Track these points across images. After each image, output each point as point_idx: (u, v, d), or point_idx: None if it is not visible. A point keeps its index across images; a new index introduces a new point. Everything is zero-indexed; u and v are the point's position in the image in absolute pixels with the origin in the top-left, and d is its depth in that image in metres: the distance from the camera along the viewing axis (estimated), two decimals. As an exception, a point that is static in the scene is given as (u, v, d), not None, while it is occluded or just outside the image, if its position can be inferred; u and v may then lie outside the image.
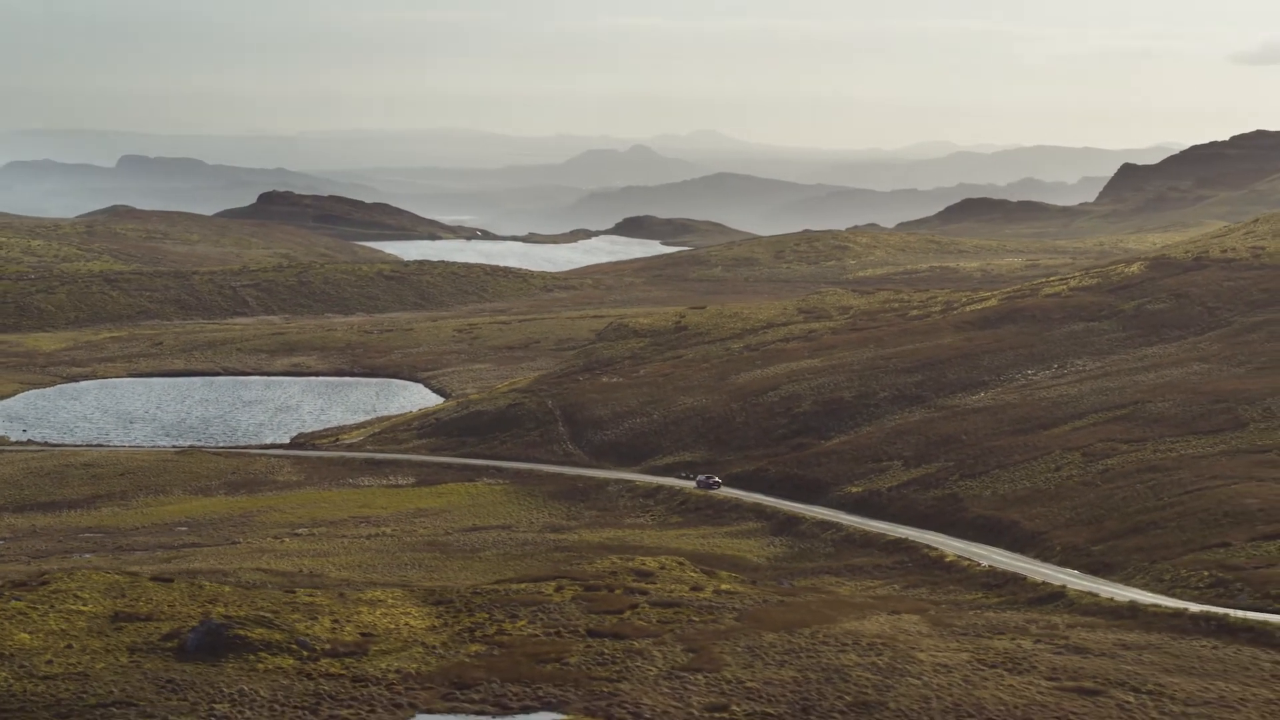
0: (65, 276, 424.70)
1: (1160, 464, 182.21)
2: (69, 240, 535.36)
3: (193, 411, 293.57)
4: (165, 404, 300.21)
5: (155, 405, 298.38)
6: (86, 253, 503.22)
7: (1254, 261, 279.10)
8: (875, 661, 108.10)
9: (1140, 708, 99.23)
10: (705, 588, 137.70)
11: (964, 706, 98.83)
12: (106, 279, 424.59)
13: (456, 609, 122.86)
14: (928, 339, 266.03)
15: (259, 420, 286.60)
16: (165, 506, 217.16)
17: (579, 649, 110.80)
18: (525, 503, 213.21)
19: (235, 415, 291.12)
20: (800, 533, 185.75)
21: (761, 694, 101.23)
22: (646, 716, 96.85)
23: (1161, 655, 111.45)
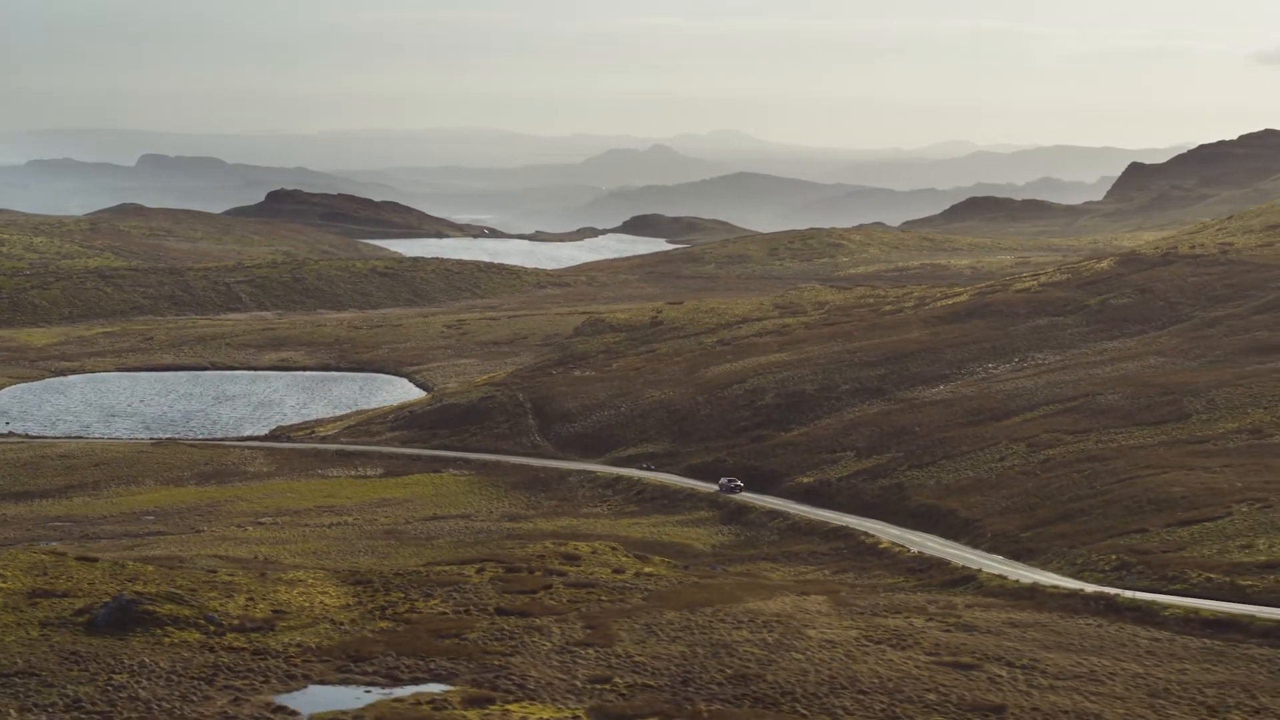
0: (61, 272, 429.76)
1: (1099, 454, 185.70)
2: (72, 237, 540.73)
3: (175, 406, 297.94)
4: (149, 398, 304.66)
5: (139, 400, 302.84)
6: (88, 250, 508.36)
7: (1220, 257, 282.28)
8: (765, 638, 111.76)
9: (1010, 681, 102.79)
10: (627, 570, 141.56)
11: (839, 679, 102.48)
12: (101, 275, 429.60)
13: (374, 589, 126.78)
14: (895, 333, 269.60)
15: (240, 414, 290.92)
16: (136, 496, 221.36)
17: (482, 626, 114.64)
18: (487, 493, 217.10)
19: (217, 409, 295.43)
20: (748, 521, 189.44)
21: (646, 667, 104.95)
22: (530, 687, 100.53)
23: (1045, 633, 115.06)
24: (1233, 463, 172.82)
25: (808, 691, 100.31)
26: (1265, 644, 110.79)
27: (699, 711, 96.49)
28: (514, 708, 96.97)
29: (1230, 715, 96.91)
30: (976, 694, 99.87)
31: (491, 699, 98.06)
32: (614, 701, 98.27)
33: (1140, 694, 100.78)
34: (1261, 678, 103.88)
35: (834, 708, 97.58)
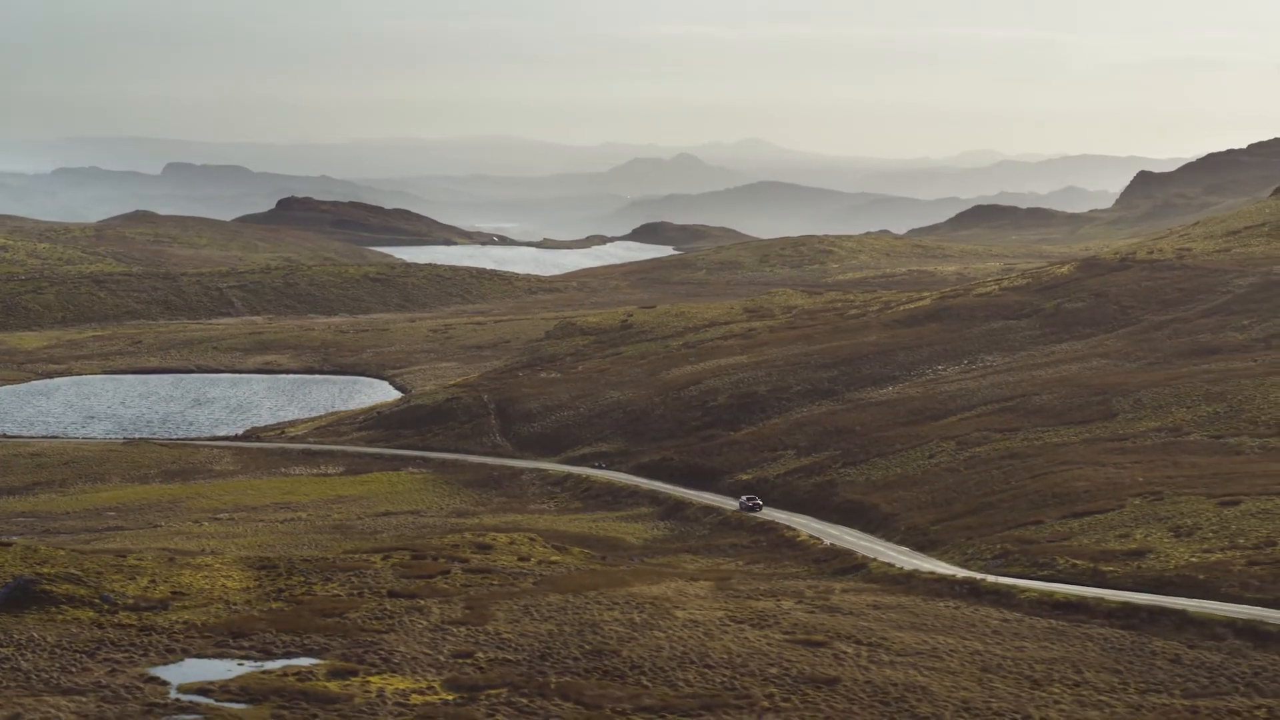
0: (55, 277, 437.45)
1: (1022, 451, 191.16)
2: (76, 244, 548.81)
3: (155, 408, 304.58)
4: (130, 400, 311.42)
5: (119, 402, 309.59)
6: (91, 256, 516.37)
7: (1176, 262, 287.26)
8: (633, 618, 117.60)
9: (854, 657, 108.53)
10: (533, 559, 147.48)
11: (691, 654, 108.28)
12: (95, 280, 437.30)
13: (278, 573, 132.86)
14: (854, 337, 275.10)
15: (217, 416, 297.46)
16: (101, 493, 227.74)
17: (369, 607, 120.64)
18: (441, 490, 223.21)
19: (195, 412, 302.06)
20: (685, 517, 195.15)
21: (512, 643, 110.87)
22: (396, 661, 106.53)
23: (903, 614, 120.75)
24: (1144, 459, 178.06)
25: (657, 665, 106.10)
26: (1107, 624, 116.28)
27: (548, 683, 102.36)
28: (375, 679, 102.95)
29: (1052, 688, 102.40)
30: (817, 668, 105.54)
31: (355, 671, 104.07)
32: (470, 674, 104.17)
33: (973, 669, 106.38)
34: (1093, 654, 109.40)
35: (677, 680, 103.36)
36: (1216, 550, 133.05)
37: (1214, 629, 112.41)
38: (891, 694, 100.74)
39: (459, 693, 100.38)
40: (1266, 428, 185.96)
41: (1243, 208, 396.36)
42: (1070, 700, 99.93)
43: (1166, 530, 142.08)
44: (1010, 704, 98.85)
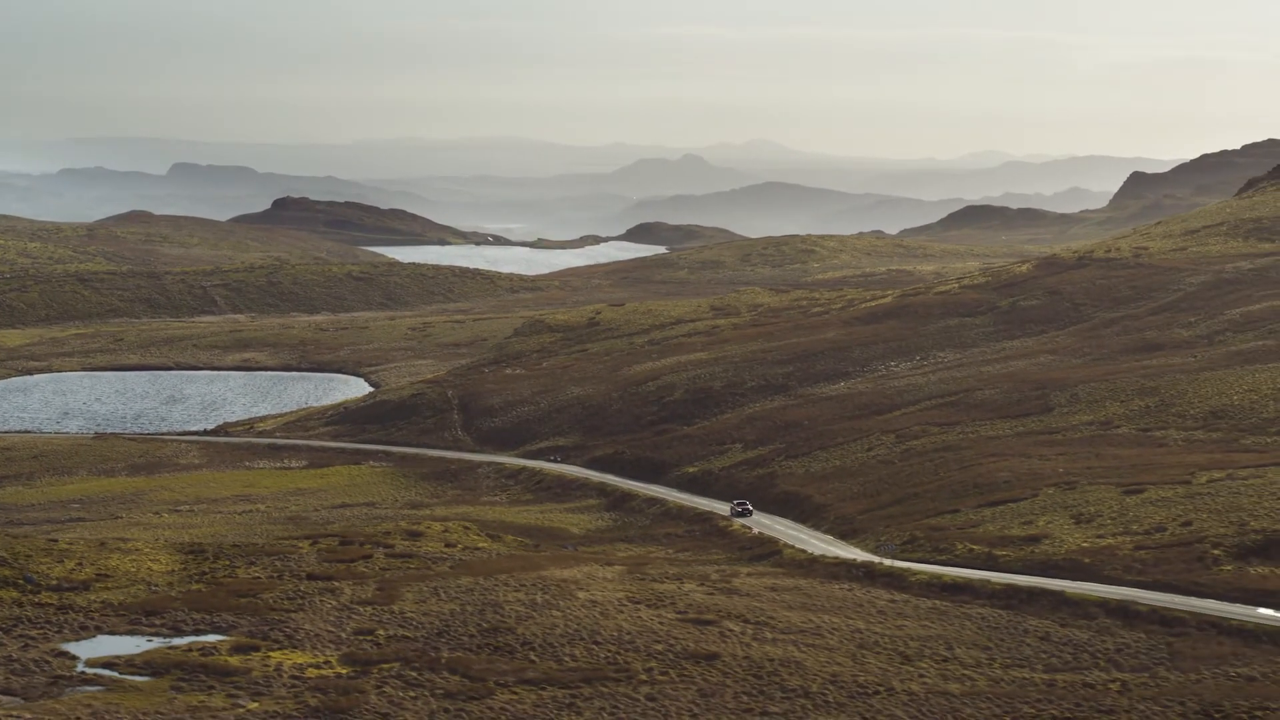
0: (41, 276, 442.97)
1: (956, 444, 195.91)
2: (68, 243, 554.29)
3: (130, 405, 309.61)
4: (105, 397, 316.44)
5: (95, 399, 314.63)
6: (81, 255, 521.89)
7: (1132, 260, 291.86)
8: (535, 598, 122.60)
9: (739, 634, 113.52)
10: (458, 545, 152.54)
11: (583, 632, 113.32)
12: (80, 279, 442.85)
13: (205, 558, 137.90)
14: (814, 333, 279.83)
15: (190, 412, 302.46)
16: (67, 486, 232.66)
17: (285, 588, 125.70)
18: (398, 483, 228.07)
19: (169, 408, 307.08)
20: (630, 508, 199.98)
21: (414, 622, 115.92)
22: (298, 638, 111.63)
23: (798, 595, 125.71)
24: (1069, 451, 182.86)
25: (548, 642, 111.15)
26: (989, 604, 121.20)
27: (440, 658, 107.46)
28: (275, 654, 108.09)
29: (921, 663, 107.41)
30: (701, 645, 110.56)
31: (258, 647, 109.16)
32: (368, 649, 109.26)
33: (850, 646, 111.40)
34: (968, 632, 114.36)
35: (564, 655, 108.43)
36: (1109, 536, 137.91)
37: (1087, 609, 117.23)
38: (766, 668, 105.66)
39: (353, 666, 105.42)
40: (1193, 421, 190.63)
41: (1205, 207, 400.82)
42: (935, 674, 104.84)
43: (1068, 517, 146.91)
44: (877, 677, 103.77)
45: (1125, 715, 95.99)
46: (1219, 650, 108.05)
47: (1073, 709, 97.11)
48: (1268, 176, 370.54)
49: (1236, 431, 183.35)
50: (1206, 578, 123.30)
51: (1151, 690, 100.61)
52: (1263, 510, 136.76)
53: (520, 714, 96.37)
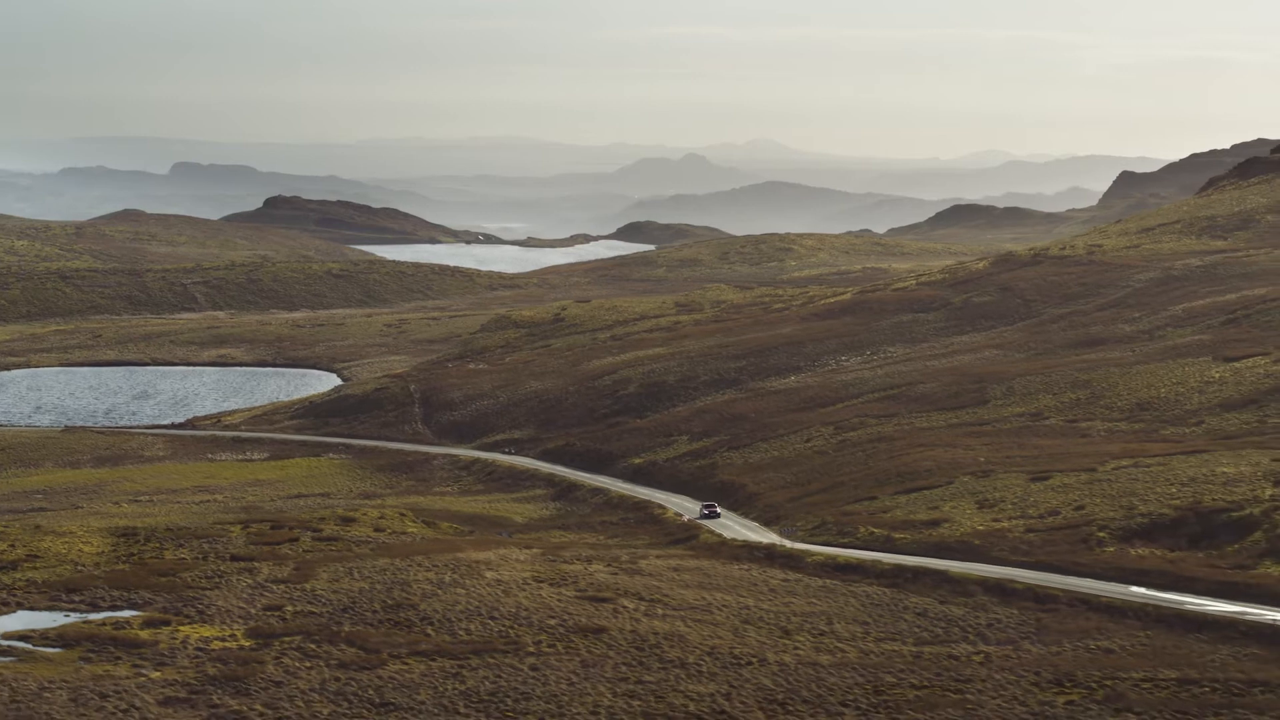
0: (23, 274, 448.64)
1: (890, 435, 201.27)
2: (56, 241, 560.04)
3: (103, 400, 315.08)
4: (79, 392, 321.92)
5: (69, 394, 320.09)
6: (68, 253, 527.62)
7: (1085, 258, 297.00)
8: (444, 578, 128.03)
9: (632, 610, 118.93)
10: (386, 530, 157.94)
11: (482, 608, 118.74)
12: (61, 276, 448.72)
13: (136, 541, 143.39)
14: (770, 329, 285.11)
15: (162, 407, 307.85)
16: (32, 477, 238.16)
17: (206, 568, 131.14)
18: (355, 474, 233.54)
19: (141, 402, 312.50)
20: (574, 498, 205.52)
21: (322, 599, 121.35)
22: (209, 613, 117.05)
23: (697, 575, 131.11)
24: (995, 441, 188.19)
25: (447, 617, 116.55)
26: (876, 583, 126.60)
27: (340, 631, 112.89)
28: (185, 628, 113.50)
29: (799, 636, 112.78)
30: (592, 620, 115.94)
31: (169, 622, 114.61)
32: (273, 624, 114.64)
33: (735, 621, 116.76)
34: (851, 609, 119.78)
35: (459, 629, 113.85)
36: (1005, 519, 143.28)
37: (968, 587, 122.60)
38: (650, 641, 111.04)
39: (257, 639, 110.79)
40: (1119, 412, 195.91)
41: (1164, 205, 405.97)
42: (810, 647, 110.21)
43: (973, 503, 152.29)
44: (753, 649, 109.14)
45: (981, 684, 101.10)
46: (1085, 625, 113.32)
47: (933, 678, 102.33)
48: (1229, 175, 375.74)
49: (1158, 423, 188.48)
50: (1089, 558, 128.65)
51: (1012, 661, 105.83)
52: (1153, 496, 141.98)
53: (407, 682, 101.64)
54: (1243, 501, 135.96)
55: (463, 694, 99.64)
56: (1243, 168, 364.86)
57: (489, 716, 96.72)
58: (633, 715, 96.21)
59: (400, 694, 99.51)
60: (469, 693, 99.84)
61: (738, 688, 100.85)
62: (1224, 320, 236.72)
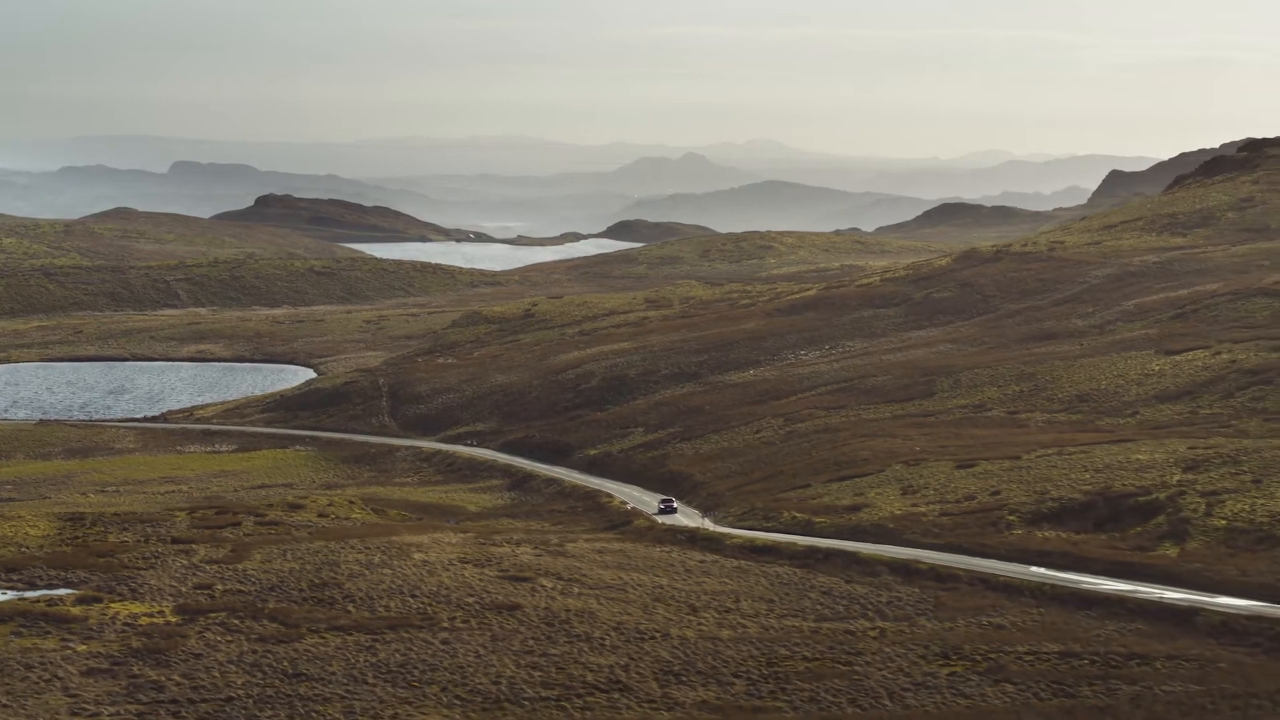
0: (6, 270, 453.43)
1: (836, 426, 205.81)
2: (45, 239, 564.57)
3: (79, 394, 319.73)
4: (56, 387, 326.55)
5: (47, 388, 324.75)
6: (55, 250, 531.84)
7: (1046, 254, 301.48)
8: (373, 559, 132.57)
9: (548, 589, 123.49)
10: (331, 515, 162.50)
11: (405, 587, 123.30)
12: (46, 273, 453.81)
13: (82, 525, 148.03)
14: (735, 324, 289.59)
15: (137, 401, 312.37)
16: (3, 469, 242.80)
17: (145, 550, 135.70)
18: (318, 466, 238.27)
19: (117, 397, 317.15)
20: (529, 488, 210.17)
21: (252, 578, 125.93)
22: (141, 591, 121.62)
23: (619, 557, 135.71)
24: (934, 432, 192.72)
25: (369, 595, 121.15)
26: (789, 564, 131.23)
27: (264, 608, 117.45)
28: (116, 605, 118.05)
29: (706, 613, 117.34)
30: (509, 598, 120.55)
31: (101, 599, 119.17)
32: (201, 601, 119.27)
33: (646, 599, 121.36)
34: (759, 587, 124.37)
35: (379, 606, 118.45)
36: (924, 504, 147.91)
37: (874, 567, 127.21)
38: (561, 617, 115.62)
39: (183, 615, 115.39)
40: (1059, 404, 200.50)
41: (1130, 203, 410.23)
42: (714, 623, 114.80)
43: (898, 489, 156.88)
44: (659, 625, 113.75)
45: (871, 657, 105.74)
46: (981, 603, 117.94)
47: (825, 651, 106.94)
48: (1195, 174, 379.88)
49: (1096, 413, 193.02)
50: (996, 540, 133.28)
51: (905, 636, 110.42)
52: (1067, 482, 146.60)
53: (321, 655, 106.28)
54: (1151, 487, 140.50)
55: (373, 665, 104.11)
56: (1209, 166, 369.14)
57: (395, 686, 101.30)
58: (533, 685, 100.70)
59: (313, 665, 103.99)
60: (379, 664, 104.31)
61: (637, 660, 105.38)
62: (1173, 315, 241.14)
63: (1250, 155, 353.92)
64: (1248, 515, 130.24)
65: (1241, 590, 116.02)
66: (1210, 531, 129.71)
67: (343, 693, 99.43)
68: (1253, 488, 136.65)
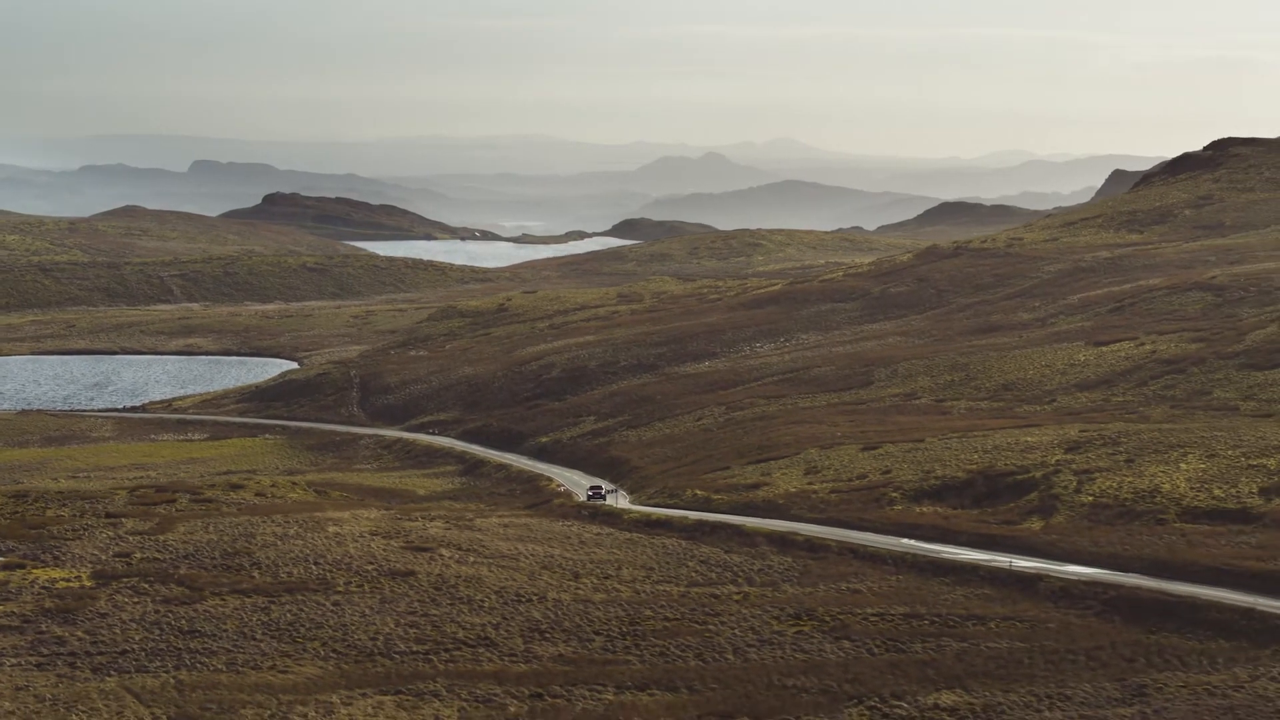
0: (3, 266, 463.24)
1: (772, 414, 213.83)
2: (48, 236, 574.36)
3: (64, 386, 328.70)
4: (43, 379, 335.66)
5: (33, 380, 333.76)
6: (58, 247, 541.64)
7: (1004, 251, 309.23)
8: (288, 531, 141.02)
9: (446, 558, 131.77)
10: (269, 495, 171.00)
11: (310, 556, 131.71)
12: (42, 269, 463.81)
13: (25, 501, 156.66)
14: (699, 318, 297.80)
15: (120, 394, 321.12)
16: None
17: (78, 523, 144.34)
18: (284, 453, 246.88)
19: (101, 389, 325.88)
20: (480, 473, 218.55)
21: (171, 548, 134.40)
22: (64, 559, 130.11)
23: (521, 530, 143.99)
24: (860, 418, 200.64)
25: (275, 563, 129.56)
26: (677, 536, 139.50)
27: (174, 574, 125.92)
28: (38, 571, 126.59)
29: (587, 579, 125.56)
30: (406, 565, 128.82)
31: (24, 566, 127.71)
32: (118, 568, 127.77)
33: (535, 567, 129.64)
34: (644, 557, 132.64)
35: (282, 573, 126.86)
36: (819, 483, 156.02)
37: (754, 539, 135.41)
38: (450, 583, 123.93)
39: (98, 580, 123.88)
40: (985, 392, 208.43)
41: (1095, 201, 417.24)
42: (591, 588, 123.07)
43: (802, 469, 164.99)
44: (539, 589, 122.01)
45: (727, 617, 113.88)
46: (844, 570, 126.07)
47: (686, 612, 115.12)
48: (1161, 172, 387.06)
49: (1016, 401, 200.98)
50: (875, 515, 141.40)
51: (766, 599, 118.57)
52: (956, 462, 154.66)
53: (218, 614, 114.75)
54: (1030, 466, 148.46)
55: (264, 624, 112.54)
56: (1174, 164, 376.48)
57: (280, 641, 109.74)
58: (407, 641, 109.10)
59: (209, 624, 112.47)
60: (270, 623, 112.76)
61: (509, 620, 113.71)
62: (1110, 309, 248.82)
63: (1215, 154, 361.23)
64: (1113, 492, 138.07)
65: (1092, 560, 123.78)
66: (1076, 507, 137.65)
67: (229, 646, 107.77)
68: (1125, 467, 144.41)
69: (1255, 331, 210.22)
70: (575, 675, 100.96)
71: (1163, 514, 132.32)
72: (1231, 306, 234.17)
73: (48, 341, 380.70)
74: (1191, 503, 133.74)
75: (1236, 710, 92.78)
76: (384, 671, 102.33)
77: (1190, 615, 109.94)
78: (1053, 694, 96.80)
